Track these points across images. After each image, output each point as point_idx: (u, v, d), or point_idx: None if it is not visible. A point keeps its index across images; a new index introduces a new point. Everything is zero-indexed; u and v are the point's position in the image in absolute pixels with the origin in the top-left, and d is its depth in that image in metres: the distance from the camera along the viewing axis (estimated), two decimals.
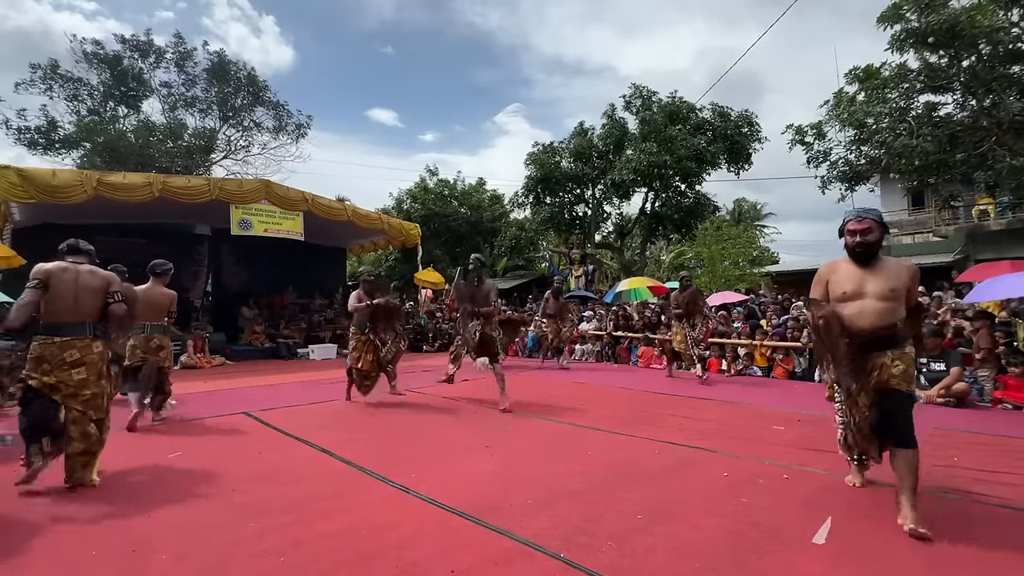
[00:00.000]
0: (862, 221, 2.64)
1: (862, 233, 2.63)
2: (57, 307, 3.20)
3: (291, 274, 14.53)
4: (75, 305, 3.24)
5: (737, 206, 33.65)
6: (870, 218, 2.65)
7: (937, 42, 10.90)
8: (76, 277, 3.25)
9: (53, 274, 3.19)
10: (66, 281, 3.22)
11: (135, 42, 20.06)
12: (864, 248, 2.63)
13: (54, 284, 3.19)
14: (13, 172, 8.28)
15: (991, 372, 5.70)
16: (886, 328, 2.55)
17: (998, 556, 2.23)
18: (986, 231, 15.48)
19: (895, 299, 2.56)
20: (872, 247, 2.64)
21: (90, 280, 3.30)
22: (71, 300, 3.22)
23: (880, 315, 2.55)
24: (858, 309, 2.59)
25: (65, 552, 2.33)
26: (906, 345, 2.60)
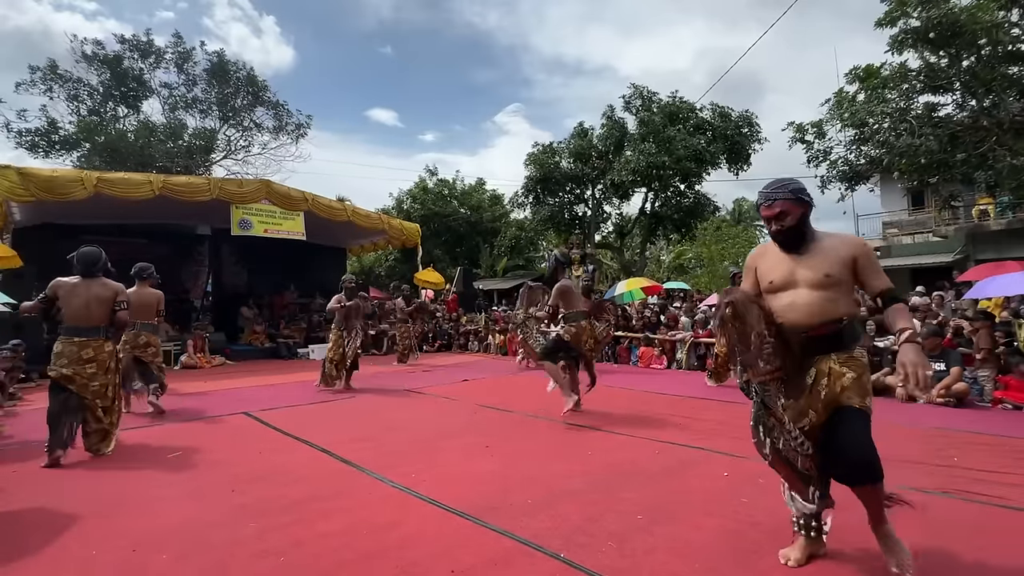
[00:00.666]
0: (772, 206, 2.11)
1: (776, 219, 2.11)
2: (73, 315, 3.89)
3: (291, 274, 14.54)
4: (88, 313, 3.91)
5: (737, 206, 33.67)
6: (781, 198, 2.10)
7: (938, 39, 10.90)
8: (88, 290, 3.93)
9: (62, 288, 3.88)
10: (78, 294, 3.89)
11: (135, 42, 20.08)
12: (783, 235, 2.13)
13: (66, 296, 3.89)
14: (13, 171, 8.29)
15: (991, 372, 5.70)
16: (824, 325, 2.02)
17: (998, 556, 2.23)
18: (986, 231, 15.48)
19: (833, 287, 2.02)
20: (792, 232, 2.11)
21: (101, 292, 3.97)
22: (84, 309, 3.90)
23: (814, 309, 2.02)
24: (789, 302, 2.09)
25: (65, 552, 2.33)
26: (855, 347, 2.06)
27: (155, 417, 5.32)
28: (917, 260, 16.98)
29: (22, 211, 9.76)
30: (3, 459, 3.81)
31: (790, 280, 2.10)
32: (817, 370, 2.04)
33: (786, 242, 2.14)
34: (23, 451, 4.03)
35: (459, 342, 13.42)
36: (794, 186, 2.12)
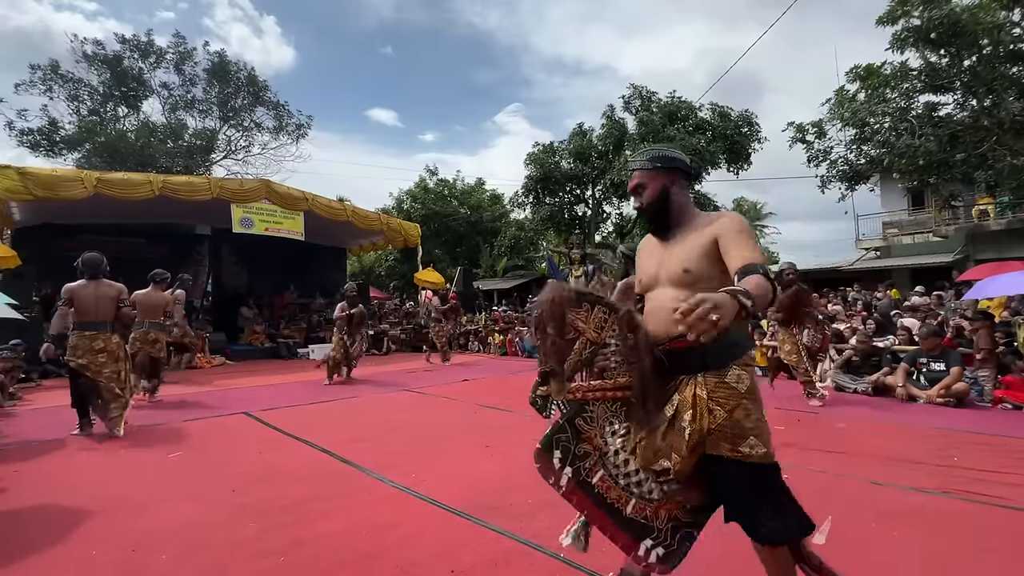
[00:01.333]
0: (631, 178, 1.73)
1: (634, 195, 1.73)
2: (84, 312, 4.53)
3: (291, 274, 14.54)
4: (96, 310, 4.56)
5: (737, 206, 33.64)
6: (637, 167, 1.71)
7: (939, 39, 10.90)
8: (95, 290, 4.59)
9: (74, 291, 4.54)
10: (88, 295, 4.55)
11: (135, 42, 20.08)
12: (643, 215, 1.73)
13: (79, 298, 4.52)
14: (13, 171, 8.29)
15: (991, 372, 5.70)
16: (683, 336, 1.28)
17: (998, 556, 2.23)
18: (986, 231, 15.48)
19: (694, 285, 1.53)
20: (651, 211, 1.69)
21: (107, 291, 4.64)
22: (93, 307, 4.55)
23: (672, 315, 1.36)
24: (651, 306, 1.68)
25: (66, 552, 2.33)
26: (730, 365, 1.51)
27: (155, 407, 5.70)
28: (917, 260, 16.98)
29: (22, 211, 9.76)
30: (4, 459, 3.81)
31: (655, 277, 1.68)
32: (680, 399, 1.54)
33: (649, 225, 1.74)
34: (24, 451, 4.04)
35: (459, 342, 13.43)
36: (654, 153, 1.70)
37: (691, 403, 1.52)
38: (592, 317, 1.64)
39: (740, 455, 1.47)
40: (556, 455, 1.67)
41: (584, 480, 1.67)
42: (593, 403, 1.65)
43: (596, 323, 1.63)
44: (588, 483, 1.67)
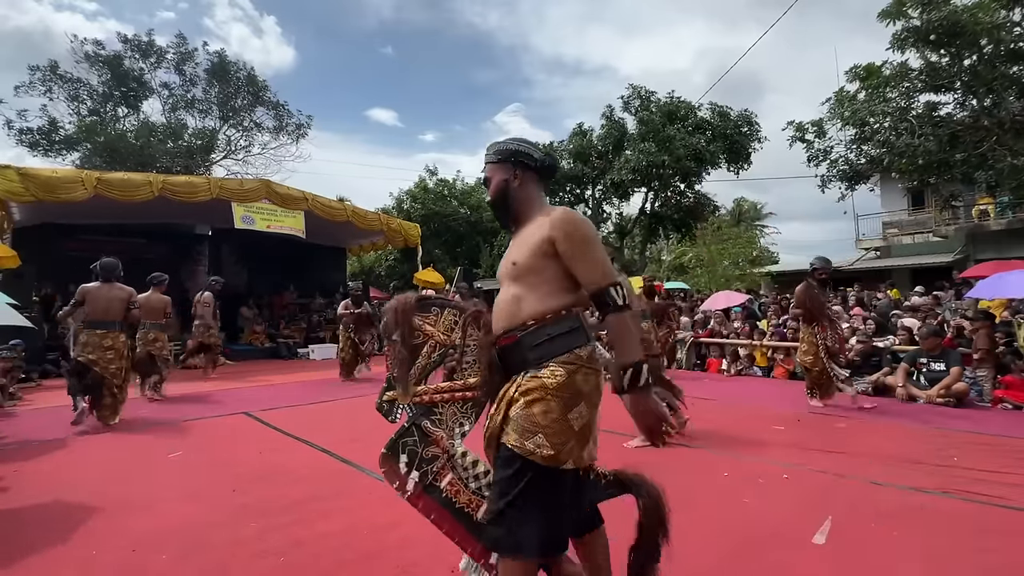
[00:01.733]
0: (484, 170, 1.69)
1: (485, 186, 1.68)
2: (95, 312, 4.89)
3: (291, 274, 14.53)
4: (107, 310, 4.94)
5: (737, 206, 33.63)
6: (487, 160, 1.67)
7: (939, 40, 10.90)
8: (108, 292, 4.98)
9: (88, 292, 4.92)
10: (101, 296, 4.93)
11: (136, 42, 20.08)
12: (491, 206, 1.70)
13: (91, 298, 4.89)
14: (13, 171, 8.28)
15: (990, 372, 5.71)
16: (508, 333, 1.50)
17: (998, 556, 2.23)
18: (986, 231, 15.48)
19: (520, 280, 1.50)
20: (495, 204, 1.65)
21: (118, 294, 5.04)
22: (104, 308, 4.93)
23: (501, 310, 1.54)
24: (495, 303, 1.62)
25: (66, 552, 2.33)
26: (547, 362, 1.44)
27: (160, 402, 5.93)
28: (917, 260, 16.98)
29: (22, 211, 9.76)
30: (4, 458, 3.81)
31: (501, 273, 1.63)
32: (504, 396, 1.49)
33: (498, 217, 1.70)
34: (24, 450, 4.03)
35: None
36: (500, 145, 1.65)
37: (500, 399, 1.50)
38: (441, 320, 1.71)
39: (522, 449, 1.38)
40: (402, 459, 1.64)
41: (431, 484, 1.63)
42: (442, 405, 1.65)
43: (445, 326, 1.68)
44: (436, 487, 1.64)
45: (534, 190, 1.62)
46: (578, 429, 1.42)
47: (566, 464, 1.40)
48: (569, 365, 1.44)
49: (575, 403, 1.42)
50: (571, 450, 1.41)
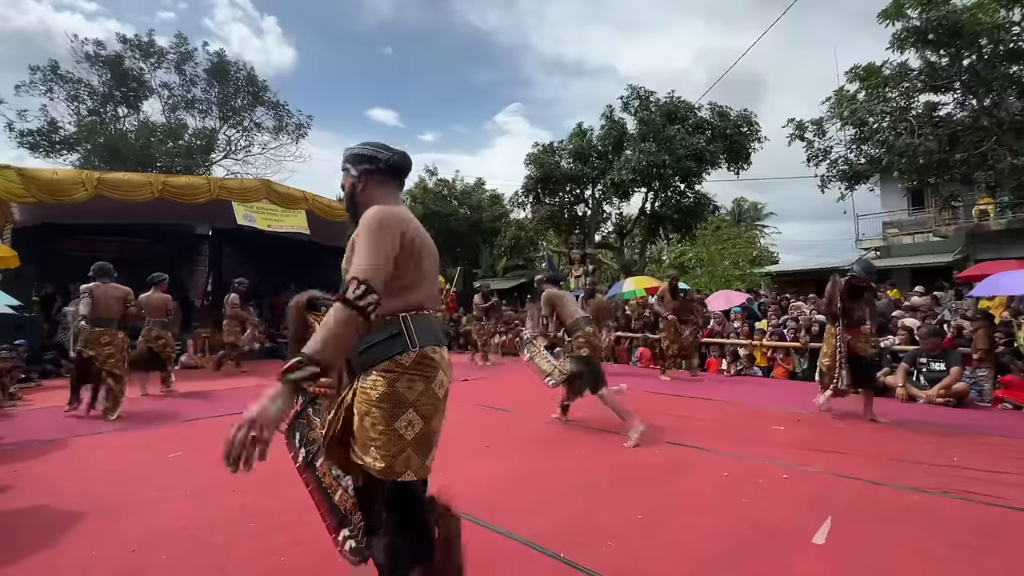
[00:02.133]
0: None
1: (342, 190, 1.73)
2: (95, 310, 5.19)
3: (292, 274, 14.53)
4: (107, 309, 5.24)
5: (737, 206, 33.65)
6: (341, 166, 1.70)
7: (938, 40, 10.90)
8: (106, 292, 5.27)
9: (93, 291, 5.23)
10: (100, 295, 5.23)
11: (137, 42, 20.09)
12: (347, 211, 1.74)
13: (95, 297, 5.19)
14: (13, 172, 8.27)
15: (990, 372, 5.71)
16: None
17: (998, 556, 2.23)
18: (986, 231, 15.47)
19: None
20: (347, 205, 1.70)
21: (115, 293, 5.33)
22: (104, 305, 5.23)
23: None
24: None
25: (65, 552, 2.33)
26: (377, 363, 1.44)
27: (155, 407, 5.87)
28: (917, 260, 16.98)
29: (22, 211, 9.76)
30: (4, 459, 3.81)
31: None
32: (342, 403, 1.54)
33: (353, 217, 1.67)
34: (24, 451, 4.03)
35: (459, 342, 13.42)
36: (347, 151, 1.68)
37: (339, 404, 1.53)
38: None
39: (364, 463, 1.41)
40: (296, 436, 1.86)
41: (311, 462, 1.80)
42: (322, 397, 1.79)
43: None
44: (314, 465, 1.79)
45: (379, 192, 1.61)
46: (411, 438, 1.41)
47: (404, 476, 1.39)
48: (389, 373, 1.42)
49: (400, 412, 1.41)
50: (406, 460, 1.40)
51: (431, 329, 1.52)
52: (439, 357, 1.51)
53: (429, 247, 1.56)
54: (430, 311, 1.54)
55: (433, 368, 1.48)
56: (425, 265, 1.52)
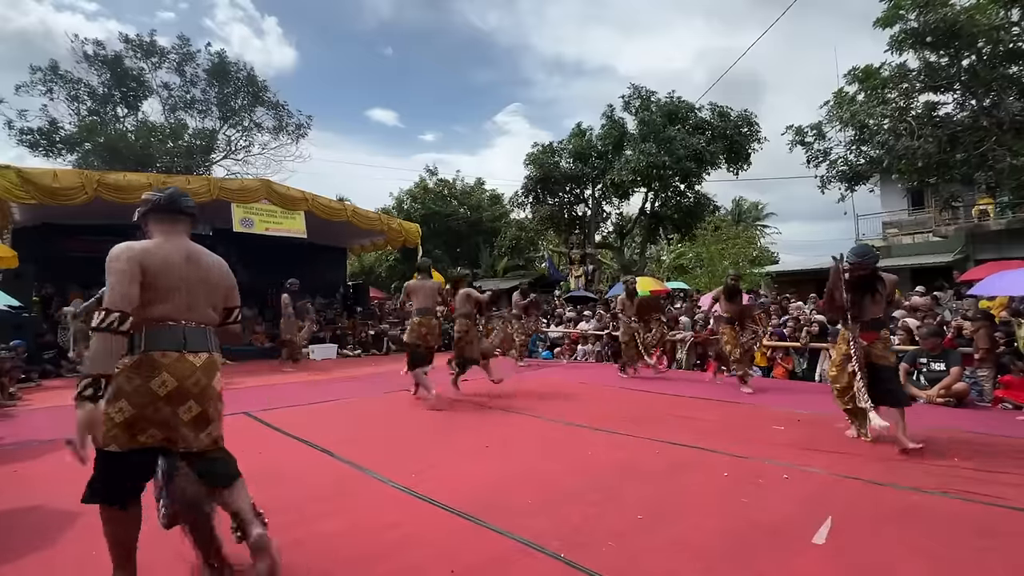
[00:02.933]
0: None
1: None
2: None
3: (292, 274, 14.51)
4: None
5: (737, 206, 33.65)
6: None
7: (936, 42, 10.91)
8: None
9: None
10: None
11: (138, 42, 20.08)
12: None
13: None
14: (13, 172, 8.28)
15: (990, 372, 5.70)
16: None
17: (998, 556, 2.23)
18: (986, 231, 15.48)
19: None
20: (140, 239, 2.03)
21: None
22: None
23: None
24: None
25: (64, 552, 2.33)
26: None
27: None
28: (917, 260, 16.98)
29: (21, 211, 9.77)
30: (3, 459, 3.81)
31: None
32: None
33: None
34: (23, 451, 4.03)
35: None
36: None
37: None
38: None
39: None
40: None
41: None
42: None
43: None
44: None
45: (156, 228, 2.01)
46: (120, 421, 1.77)
47: (109, 447, 1.78)
48: (118, 370, 1.78)
49: (117, 400, 1.78)
50: (114, 437, 1.78)
51: (167, 337, 1.85)
52: (169, 360, 1.83)
53: (174, 266, 1.90)
54: (177, 322, 1.88)
55: (155, 369, 1.81)
56: (164, 283, 1.85)
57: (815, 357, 7.75)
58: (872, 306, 4.01)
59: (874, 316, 4.02)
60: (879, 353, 4.01)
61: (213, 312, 2.07)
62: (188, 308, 1.92)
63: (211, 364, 1.96)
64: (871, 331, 4.02)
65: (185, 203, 2.08)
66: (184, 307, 1.91)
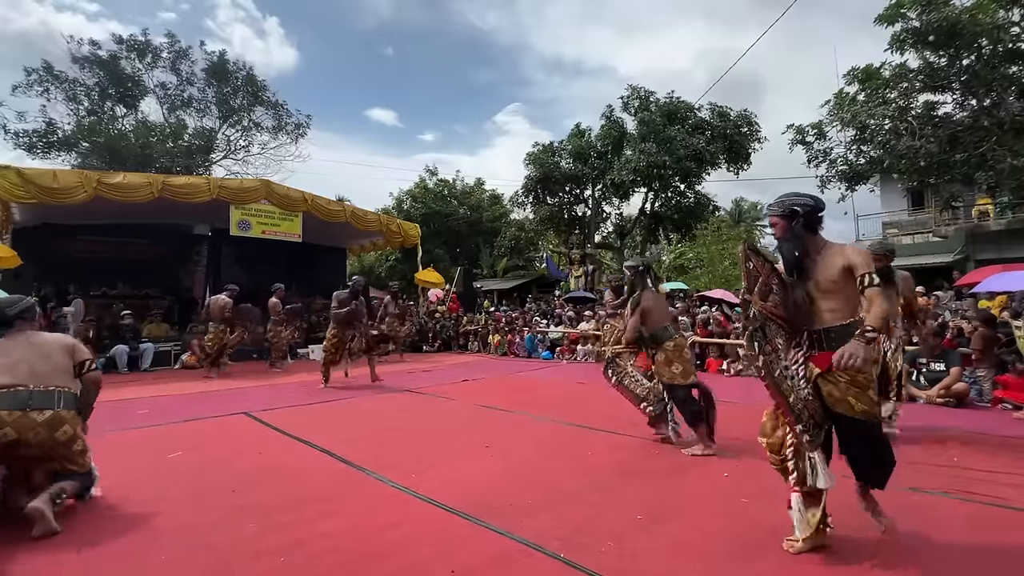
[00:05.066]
0: None
1: None
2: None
3: (291, 274, 14.53)
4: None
5: (736, 206, 33.67)
6: None
7: (937, 41, 10.92)
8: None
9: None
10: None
11: (131, 42, 20.06)
12: None
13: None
14: (13, 172, 8.28)
15: (989, 372, 5.70)
16: None
17: (997, 556, 2.23)
18: (986, 231, 15.48)
19: None
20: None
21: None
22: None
23: None
24: None
25: (63, 552, 2.33)
26: None
27: (154, 408, 5.52)
28: (917, 260, 16.96)
29: (21, 211, 9.77)
30: None
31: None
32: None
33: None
34: None
35: (459, 342, 13.42)
36: None
37: None
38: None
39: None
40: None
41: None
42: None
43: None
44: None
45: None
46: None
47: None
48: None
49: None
50: None
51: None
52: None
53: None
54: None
55: None
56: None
57: None
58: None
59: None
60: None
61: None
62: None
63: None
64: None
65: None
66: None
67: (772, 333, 2.23)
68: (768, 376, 2.12)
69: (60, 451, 2.68)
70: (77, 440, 2.77)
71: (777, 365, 2.17)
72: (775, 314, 2.25)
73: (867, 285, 2.08)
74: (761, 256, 2.32)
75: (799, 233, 2.26)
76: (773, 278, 2.28)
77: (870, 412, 2.19)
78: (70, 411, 2.76)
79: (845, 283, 2.16)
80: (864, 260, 2.13)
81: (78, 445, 2.77)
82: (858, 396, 2.16)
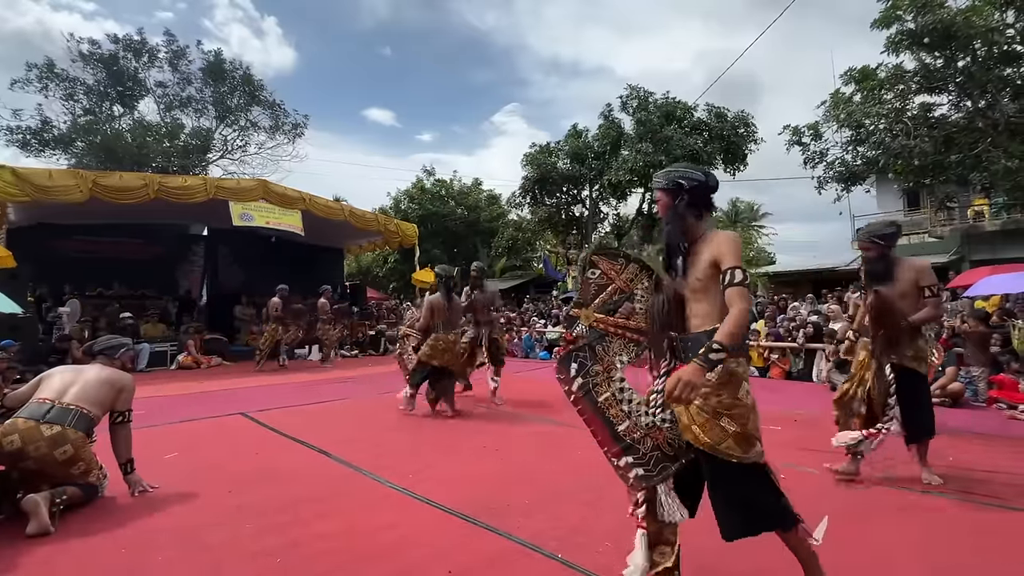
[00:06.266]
0: None
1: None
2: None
3: (288, 274, 14.49)
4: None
5: (733, 206, 33.72)
6: None
7: (933, 43, 10.97)
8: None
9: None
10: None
11: (128, 41, 19.97)
12: None
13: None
14: (8, 171, 8.22)
15: (983, 372, 5.73)
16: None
17: (995, 556, 2.24)
18: (981, 232, 15.55)
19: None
20: None
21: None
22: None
23: None
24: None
25: (63, 552, 2.32)
26: None
27: (152, 408, 5.44)
28: None
29: (17, 211, 9.70)
30: None
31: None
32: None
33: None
34: None
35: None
36: None
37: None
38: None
39: None
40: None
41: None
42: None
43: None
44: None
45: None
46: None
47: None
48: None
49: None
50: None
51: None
52: None
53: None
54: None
55: None
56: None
57: (811, 357, 7.78)
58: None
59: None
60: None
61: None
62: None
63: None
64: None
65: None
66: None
67: (612, 351, 1.91)
68: (585, 401, 1.83)
69: (57, 470, 2.67)
70: (78, 463, 2.74)
71: (607, 388, 1.87)
72: (624, 327, 1.92)
73: (728, 283, 1.67)
74: (621, 259, 1.98)
75: (682, 213, 1.89)
76: (639, 282, 1.94)
77: (717, 447, 1.76)
78: (79, 432, 2.76)
79: (712, 281, 1.77)
80: (732, 251, 1.72)
81: (78, 468, 2.75)
82: (705, 425, 1.74)
